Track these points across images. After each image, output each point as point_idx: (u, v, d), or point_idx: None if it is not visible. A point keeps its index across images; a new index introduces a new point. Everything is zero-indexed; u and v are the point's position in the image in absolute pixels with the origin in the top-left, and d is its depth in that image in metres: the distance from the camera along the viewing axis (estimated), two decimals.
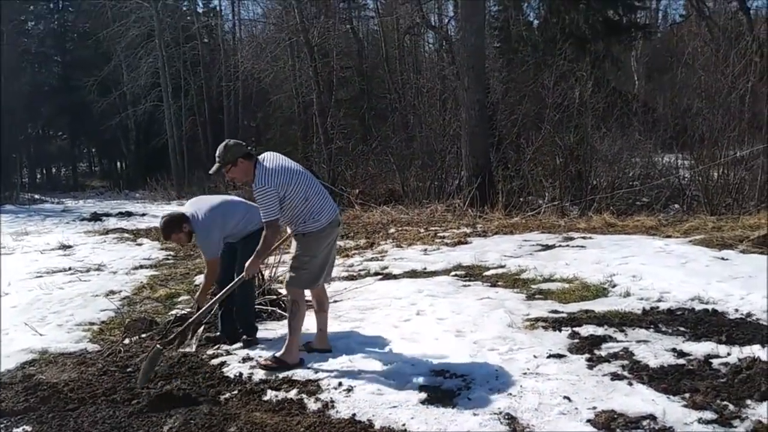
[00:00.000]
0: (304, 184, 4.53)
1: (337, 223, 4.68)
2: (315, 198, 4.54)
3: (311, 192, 4.54)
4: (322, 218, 4.53)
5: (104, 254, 10.99)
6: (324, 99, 20.70)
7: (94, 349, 5.47)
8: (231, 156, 4.53)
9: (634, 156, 14.41)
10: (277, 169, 4.49)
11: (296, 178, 4.52)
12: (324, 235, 4.58)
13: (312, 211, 4.52)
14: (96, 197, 28.44)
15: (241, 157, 4.52)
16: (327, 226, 4.56)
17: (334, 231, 4.68)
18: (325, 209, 4.56)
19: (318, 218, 4.53)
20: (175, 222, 5.24)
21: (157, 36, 27.94)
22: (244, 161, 4.53)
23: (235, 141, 4.67)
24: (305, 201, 4.50)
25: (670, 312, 5.41)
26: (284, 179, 4.45)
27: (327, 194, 4.69)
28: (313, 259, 4.58)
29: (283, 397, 4.08)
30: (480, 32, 14.28)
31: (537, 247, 8.88)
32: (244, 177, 4.59)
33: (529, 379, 4.10)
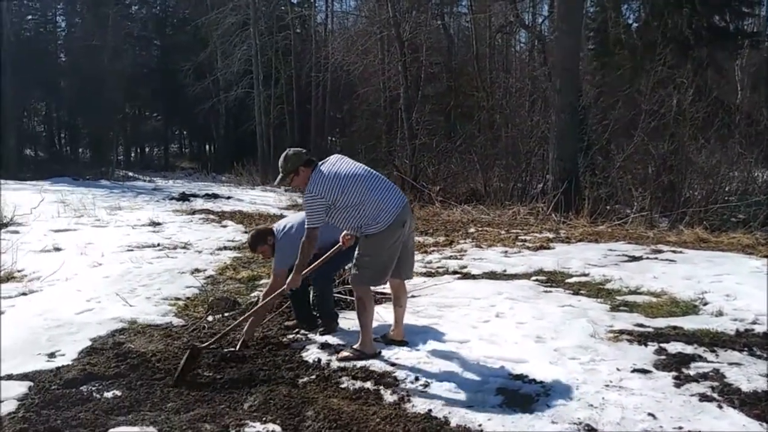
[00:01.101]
0: (359, 191, 4.47)
1: (401, 223, 4.54)
2: (372, 202, 4.46)
3: (368, 196, 4.47)
4: (380, 221, 4.46)
5: (191, 233, 11.35)
6: (411, 94, 20.71)
7: (179, 324, 5.67)
8: (292, 165, 4.57)
9: (732, 170, 13.74)
10: (330, 177, 4.47)
11: (350, 184, 4.47)
12: (385, 236, 4.50)
13: (369, 216, 4.46)
14: (185, 178, 29.47)
15: (301, 165, 4.56)
16: (386, 229, 4.47)
17: (397, 231, 4.54)
18: (383, 212, 4.46)
19: (376, 221, 4.46)
20: (261, 235, 5.42)
21: (252, 24, 28.68)
22: (305, 169, 4.56)
23: (294, 150, 4.68)
24: (360, 207, 4.45)
25: (766, 336, 5.12)
26: (335, 187, 4.43)
27: (391, 193, 4.57)
28: (375, 258, 4.53)
29: (360, 387, 4.10)
30: (576, 33, 13.94)
31: (623, 257, 8.59)
32: (304, 185, 4.60)
33: (612, 391, 3.97)
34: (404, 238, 4.64)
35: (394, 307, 4.97)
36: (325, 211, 4.47)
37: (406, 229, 4.62)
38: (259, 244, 5.43)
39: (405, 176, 17.80)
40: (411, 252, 4.91)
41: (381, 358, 4.58)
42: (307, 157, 4.63)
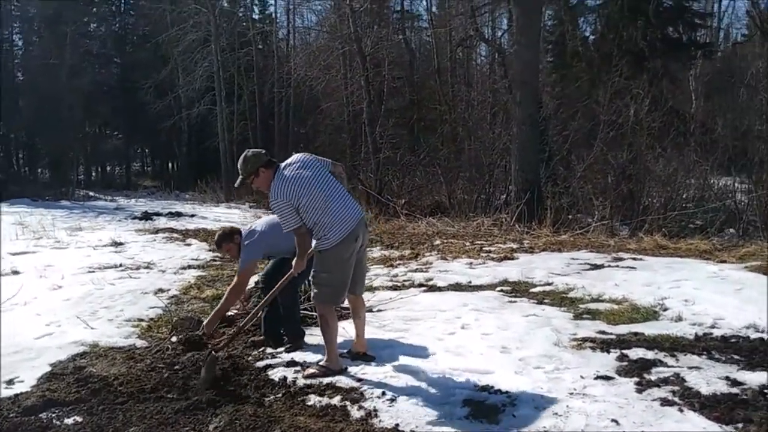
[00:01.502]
0: (322, 196, 4.44)
1: (355, 237, 4.49)
2: (332, 211, 4.43)
3: (329, 204, 4.43)
4: (331, 236, 4.42)
5: (154, 253, 11.20)
6: (374, 108, 20.79)
7: (143, 345, 5.58)
8: (252, 166, 4.55)
9: (689, 177, 14.08)
10: (294, 180, 4.42)
11: (315, 189, 4.43)
12: (339, 251, 4.46)
13: (326, 225, 4.43)
14: (147, 196, 29.08)
15: (261, 166, 4.53)
16: (339, 243, 4.43)
17: (351, 246, 4.49)
18: (336, 226, 4.42)
19: (328, 236, 4.43)
20: (228, 234, 5.49)
21: (213, 41, 28.55)
22: (266, 170, 4.54)
23: (254, 151, 4.66)
24: (321, 213, 4.42)
25: (724, 339, 5.24)
26: (300, 190, 4.40)
27: (345, 206, 4.52)
28: (331, 275, 4.51)
29: (327, 403, 4.09)
30: (534, 46, 14.16)
31: (585, 265, 8.72)
32: (265, 186, 4.56)
33: (576, 399, 4.02)
34: (358, 252, 4.64)
35: (354, 319, 4.99)
36: (296, 213, 4.40)
37: (359, 243, 4.59)
38: (225, 242, 5.49)
39: (370, 190, 17.85)
40: (363, 267, 4.92)
41: (347, 373, 4.57)
42: (267, 158, 4.59)
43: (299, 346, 5.29)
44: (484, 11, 22.78)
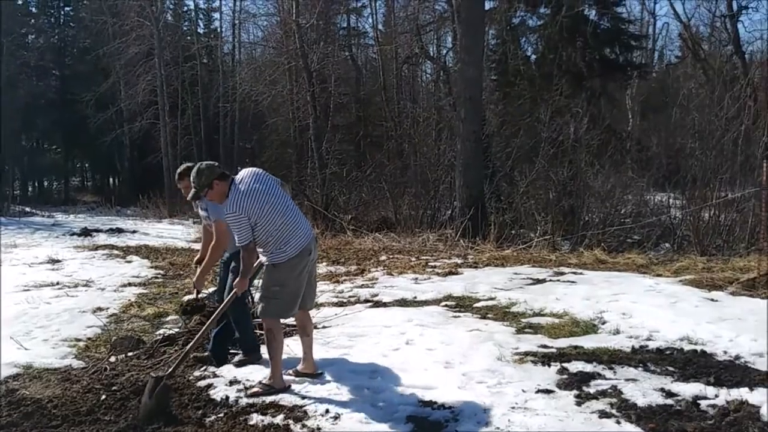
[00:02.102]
0: (275, 211, 4.44)
1: (308, 251, 4.53)
2: (284, 227, 4.44)
3: (282, 219, 4.44)
4: (288, 249, 4.43)
5: (93, 270, 10.93)
6: (320, 124, 20.81)
7: (80, 366, 5.43)
8: (206, 179, 4.50)
9: (626, 193, 14.52)
10: (249, 194, 4.41)
11: (269, 203, 4.43)
12: (292, 265, 4.47)
13: (281, 239, 4.43)
14: (87, 212, 28.32)
15: (215, 178, 4.50)
16: (295, 257, 4.45)
17: (304, 260, 4.53)
18: (292, 240, 4.45)
19: (284, 249, 4.43)
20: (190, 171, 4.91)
21: (156, 54, 28.14)
22: (220, 182, 4.50)
23: (207, 163, 4.61)
24: (275, 229, 4.42)
25: (659, 351, 5.39)
26: (255, 204, 4.38)
27: (299, 221, 4.57)
28: (283, 288, 4.49)
29: (270, 422, 4.04)
30: (478, 64, 14.43)
31: (528, 280, 8.87)
32: (220, 198, 4.54)
33: (517, 413, 4.07)
34: (309, 267, 4.64)
35: (301, 337, 4.93)
36: (250, 227, 4.37)
37: (311, 258, 4.61)
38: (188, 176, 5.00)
39: (316, 206, 17.79)
40: (314, 281, 4.91)
41: (291, 391, 4.53)
42: (221, 171, 4.55)
43: (256, 359, 5.21)
44: (429, 30, 23.15)
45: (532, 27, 21.66)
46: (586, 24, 18.70)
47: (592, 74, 18.81)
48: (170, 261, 12.02)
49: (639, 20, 27.87)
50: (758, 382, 4.51)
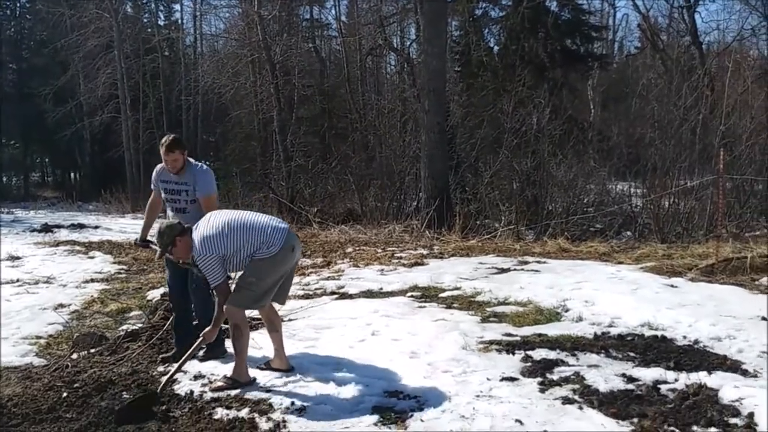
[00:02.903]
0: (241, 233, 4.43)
1: (291, 247, 4.52)
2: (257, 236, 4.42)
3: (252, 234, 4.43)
4: (272, 246, 4.42)
5: (54, 266, 10.71)
6: (284, 116, 20.67)
7: (41, 364, 5.33)
8: (168, 238, 4.56)
9: (588, 183, 14.72)
10: (212, 234, 4.41)
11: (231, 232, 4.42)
12: (276, 260, 4.46)
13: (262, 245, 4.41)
14: (48, 208, 27.74)
15: (177, 236, 4.55)
16: (278, 252, 4.43)
17: (288, 255, 4.52)
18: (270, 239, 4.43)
19: (268, 247, 4.42)
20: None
21: (116, 47, 27.62)
22: (182, 238, 4.54)
23: (167, 223, 4.65)
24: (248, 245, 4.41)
25: (621, 337, 5.50)
26: (221, 240, 4.39)
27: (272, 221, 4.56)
28: (259, 282, 4.47)
29: (234, 416, 4.01)
30: (441, 56, 14.46)
31: (492, 270, 8.96)
32: (185, 254, 4.59)
33: (482, 401, 4.12)
34: (292, 262, 4.63)
35: (270, 333, 4.88)
36: (222, 264, 4.41)
37: (296, 253, 4.61)
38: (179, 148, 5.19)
39: (282, 199, 17.70)
40: (291, 278, 4.89)
41: (256, 385, 4.51)
42: (181, 227, 4.59)
43: (221, 353, 5.18)
44: (393, 21, 23.13)
45: (495, 18, 21.84)
46: (548, 15, 18.89)
47: (553, 65, 19.01)
48: (134, 256, 11.83)
49: (599, 11, 28.16)
50: (716, 366, 4.64)
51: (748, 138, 13.10)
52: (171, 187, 5.33)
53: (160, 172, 5.40)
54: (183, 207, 5.31)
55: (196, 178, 5.23)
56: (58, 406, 4.26)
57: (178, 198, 5.32)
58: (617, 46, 34.63)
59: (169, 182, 5.33)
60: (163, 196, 5.39)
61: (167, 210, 5.42)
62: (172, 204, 5.34)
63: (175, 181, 5.29)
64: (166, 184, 5.35)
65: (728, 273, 8.00)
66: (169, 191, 5.34)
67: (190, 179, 5.24)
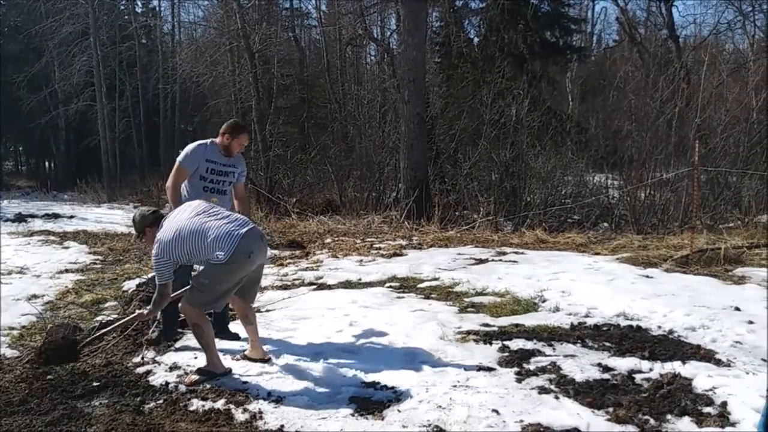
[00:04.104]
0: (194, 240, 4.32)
1: (247, 253, 4.31)
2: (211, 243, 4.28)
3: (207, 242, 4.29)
4: (221, 253, 4.25)
5: (28, 257, 10.54)
6: (263, 106, 20.51)
7: (13, 355, 5.25)
8: (138, 227, 4.71)
9: (566, 174, 14.82)
10: (168, 240, 4.36)
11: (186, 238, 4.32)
12: (229, 268, 4.31)
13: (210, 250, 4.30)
14: (22, 197, 27.29)
15: (147, 226, 4.63)
16: (229, 259, 4.25)
17: (243, 262, 4.33)
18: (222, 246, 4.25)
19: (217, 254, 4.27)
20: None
21: (92, 34, 27.23)
22: (151, 229, 4.60)
23: (140, 212, 4.72)
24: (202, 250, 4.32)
25: (597, 327, 5.55)
26: (176, 246, 4.35)
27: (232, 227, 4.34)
28: (212, 284, 4.38)
29: (210, 407, 3.98)
30: (421, 46, 14.43)
31: (471, 260, 8.99)
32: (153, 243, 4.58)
33: (459, 391, 4.13)
34: (251, 268, 4.48)
35: (245, 326, 4.85)
36: (171, 266, 4.44)
37: (254, 259, 4.41)
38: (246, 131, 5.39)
39: (260, 189, 17.59)
40: (257, 280, 4.80)
41: (231, 376, 4.48)
42: (153, 217, 4.63)
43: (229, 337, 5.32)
44: (373, 11, 23.00)
45: (475, 9, 21.84)
46: (527, 7, 18.91)
47: (533, 57, 19.07)
48: (109, 246, 11.70)
49: (578, 4, 28.31)
50: (690, 356, 4.70)
51: (723, 131, 13.25)
52: (219, 168, 5.28)
53: (208, 151, 5.29)
54: (225, 189, 5.36)
55: (242, 164, 5.37)
56: (30, 398, 4.20)
57: (224, 180, 5.32)
58: (596, 38, 34.88)
59: (217, 163, 5.27)
60: (202, 175, 5.24)
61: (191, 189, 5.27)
62: (214, 185, 5.28)
63: (223, 162, 5.29)
64: (213, 164, 5.26)
65: (702, 264, 8.10)
66: (216, 172, 5.27)
67: (238, 164, 5.36)
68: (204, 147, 5.29)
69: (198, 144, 5.32)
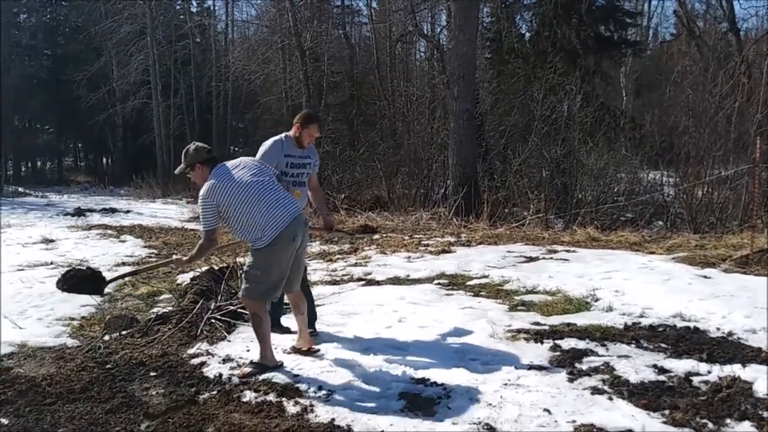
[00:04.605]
0: (247, 201, 4.36)
1: (291, 237, 4.40)
2: (260, 214, 4.35)
3: (256, 207, 4.35)
4: (267, 234, 4.34)
5: (87, 250, 10.91)
6: (313, 103, 20.69)
7: (74, 345, 5.43)
8: (190, 160, 4.55)
9: (619, 171, 14.52)
10: (221, 184, 4.39)
11: (240, 194, 4.37)
12: (275, 250, 4.38)
13: (256, 227, 4.36)
14: (81, 192, 28.22)
15: (199, 162, 4.52)
16: (275, 241, 4.35)
17: (288, 245, 4.42)
18: (270, 225, 4.34)
19: (264, 234, 4.35)
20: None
21: (148, 33, 27.89)
22: (202, 167, 4.52)
23: (198, 145, 4.62)
24: (249, 216, 4.36)
25: (652, 328, 5.42)
26: (224, 194, 4.35)
27: (281, 206, 4.42)
28: (265, 273, 4.43)
29: (262, 400, 4.04)
30: (472, 42, 14.33)
31: (521, 258, 8.90)
32: (200, 182, 4.53)
33: (510, 390, 4.09)
34: (296, 252, 4.54)
35: (296, 316, 4.91)
36: (217, 215, 4.40)
37: (297, 243, 4.48)
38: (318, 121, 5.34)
39: None
40: (300, 265, 4.80)
41: (283, 369, 4.53)
42: (208, 156, 4.55)
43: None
44: (423, 7, 22.90)
45: (527, 4, 21.54)
46: (581, 1, 18.55)
47: (586, 52, 18.72)
48: (164, 240, 11.99)
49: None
50: (751, 359, 4.54)
51: None
52: (297, 162, 5.27)
53: (285, 146, 5.23)
54: (304, 181, 5.34)
55: (315, 154, 5.38)
56: (90, 386, 4.34)
57: (302, 172, 5.31)
58: (652, 32, 33.97)
59: (294, 156, 5.25)
60: (283, 170, 5.18)
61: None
62: (295, 178, 5.27)
63: (299, 155, 5.26)
64: (292, 158, 5.24)
65: (763, 264, 7.83)
66: (295, 165, 5.26)
67: (312, 154, 5.36)
68: (280, 143, 5.22)
69: (274, 141, 5.24)
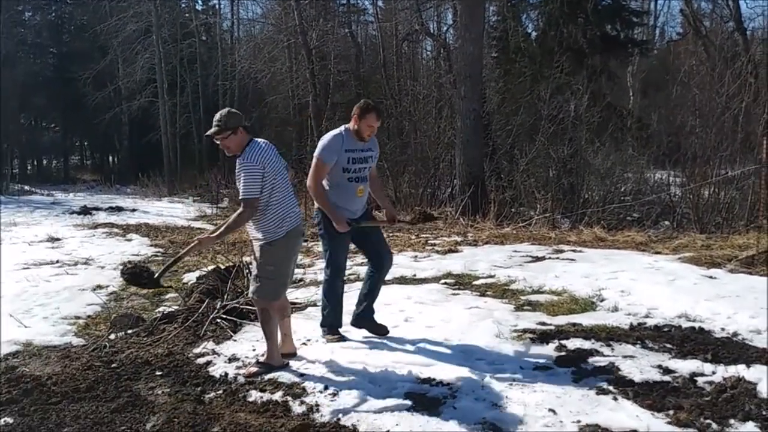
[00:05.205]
0: (281, 182, 4.46)
1: (300, 233, 4.55)
2: (284, 201, 4.45)
3: (283, 195, 4.45)
4: (284, 227, 4.41)
5: (93, 248, 10.94)
6: (320, 102, 20.72)
7: (79, 344, 5.45)
8: (234, 122, 4.36)
9: (626, 171, 14.50)
10: (269, 153, 4.41)
11: (279, 171, 4.46)
12: (286, 245, 4.47)
13: (277, 216, 4.40)
14: (87, 191, 28.29)
15: (242, 126, 4.40)
16: (290, 236, 4.45)
17: (298, 241, 4.57)
18: (287, 219, 4.44)
19: (281, 226, 4.41)
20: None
21: (154, 32, 27.96)
22: (244, 133, 4.41)
23: (235, 111, 4.51)
24: (277, 201, 4.39)
25: (657, 328, 5.41)
26: (271, 164, 4.37)
27: (293, 202, 4.55)
28: (278, 269, 4.48)
29: (268, 399, 4.06)
30: (478, 41, 14.31)
31: (527, 258, 8.88)
32: (236, 149, 4.39)
33: (515, 389, 4.09)
34: (297, 251, 4.65)
35: (281, 319, 4.79)
36: (261, 181, 4.29)
37: (300, 244, 4.64)
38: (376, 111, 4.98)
39: None
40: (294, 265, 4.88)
41: (289, 369, 4.54)
42: (243, 122, 4.46)
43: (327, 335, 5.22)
44: (429, 6, 22.92)
45: (533, 3, 21.43)
46: (588, 0, 18.51)
47: (593, 51, 18.64)
48: (170, 239, 12.02)
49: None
50: (756, 359, 4.53)
51: None
52: (359, 156, 5.01)
53: (345, 140, 4.96)
54: (366, 176, 5.10)
55: (376, 146, 5.20)
56: (96, 385, 4.36)
57: (365, 166, 5.07)
58: (658, 32, 33.84)
59: (356, 150, 4.99)
60: (344, 166, 4.94)
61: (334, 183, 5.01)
62: (357, 174, 5.01)
63: (361, 148, 5.02)
64: (353, 153, 4.97)
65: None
66: (357, 160, 5.00)
67: (374, 147, 5.16)
68: (340, 137, 4.95)
69: (333, 135, 4.97)
